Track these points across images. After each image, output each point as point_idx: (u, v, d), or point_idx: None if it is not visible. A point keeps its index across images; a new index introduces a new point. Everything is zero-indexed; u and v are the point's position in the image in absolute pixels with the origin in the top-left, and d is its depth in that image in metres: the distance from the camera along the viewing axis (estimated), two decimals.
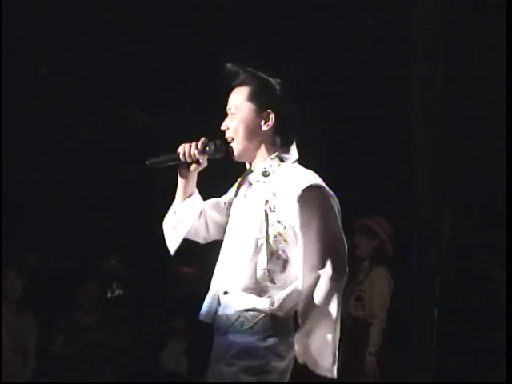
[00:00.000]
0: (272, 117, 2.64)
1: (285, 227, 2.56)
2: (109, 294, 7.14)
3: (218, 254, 2.71)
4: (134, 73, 6.56)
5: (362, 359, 5.29)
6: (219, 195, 2.86)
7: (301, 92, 2.75)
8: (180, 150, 2.71)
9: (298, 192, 2.53)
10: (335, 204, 2.58)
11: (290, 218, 2.54)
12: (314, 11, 6.43)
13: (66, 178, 6.73)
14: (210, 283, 2.68)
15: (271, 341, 2.52)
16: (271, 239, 2.55)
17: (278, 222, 2.56)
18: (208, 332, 2.66)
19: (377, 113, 6.44)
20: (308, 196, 2.53)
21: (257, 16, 6.44)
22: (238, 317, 2.55)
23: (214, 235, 2.80)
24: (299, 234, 2.54)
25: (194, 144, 2.68)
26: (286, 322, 2.58)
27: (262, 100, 2.65)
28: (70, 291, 6.07)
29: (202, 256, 2.85)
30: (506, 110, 4.91)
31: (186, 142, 2.72)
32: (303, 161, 2.69)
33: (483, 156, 6.13)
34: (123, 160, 6.70)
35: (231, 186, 2.83)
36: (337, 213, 2.57)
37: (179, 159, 2.70)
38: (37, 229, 6.66)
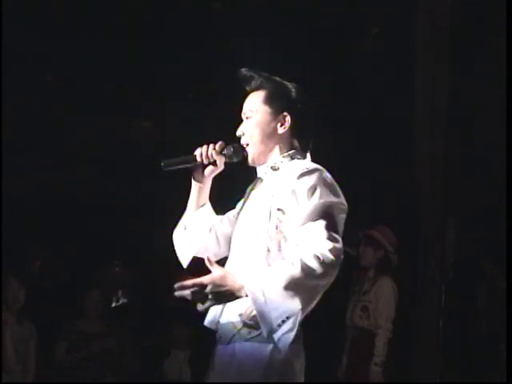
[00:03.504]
0: (288, 119, 2.60)
1: (284, 213, 2.47)
2: (114, 303, 7.14)
3: (224, 261, 2.64)
4: (138, 80, 6.56)
5: (367, 369, 5.28)
6: (231, 208, 2.78)
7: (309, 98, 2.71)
8: (197, 151, 2.66)
9: (298, 173, 2.47)
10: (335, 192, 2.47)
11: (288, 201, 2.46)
12: (318, 16, 6.43)
13: (69, 185, 6.73)
14: None
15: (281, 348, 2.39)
16: (274, 233, 2.47)
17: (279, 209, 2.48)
18: (212, 340, 2.61)
19: (381, 122, 6.43)
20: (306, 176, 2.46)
21: (260, 19, 6.44)
22: (245, 324, 2.46)
23: (225, 250, 2.70)
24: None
25: (211, 145, 2.64)
26: None
27: (277, 103, 2.61)
28: (75, 299, 6.07)
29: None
30: (507, 115, 4.89)
31: (192, 149, 2.68)
32: None
33: (488, 164, 6.11)
34: (130, 166, 6.70)
35: (240, 199, 2.75)
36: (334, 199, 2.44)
37: (195, 161, 2.65)
38: (41, 236, 6.66)
